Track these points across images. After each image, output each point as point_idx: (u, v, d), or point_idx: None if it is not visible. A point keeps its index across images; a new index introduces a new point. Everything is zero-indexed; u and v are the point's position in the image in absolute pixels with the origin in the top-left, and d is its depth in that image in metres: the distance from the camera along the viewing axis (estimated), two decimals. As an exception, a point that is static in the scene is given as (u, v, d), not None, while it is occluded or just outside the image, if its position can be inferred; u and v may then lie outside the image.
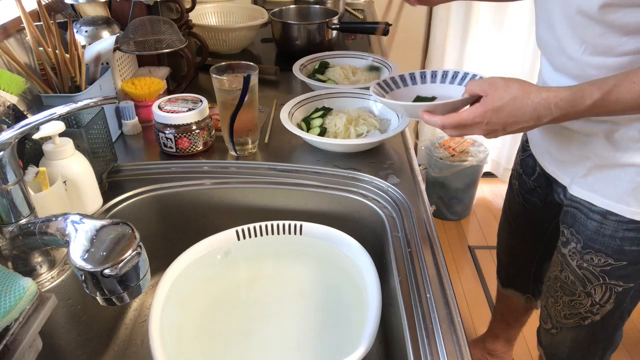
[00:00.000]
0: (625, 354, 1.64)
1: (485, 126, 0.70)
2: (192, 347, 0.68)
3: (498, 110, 0.68)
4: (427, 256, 0.69)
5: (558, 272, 0.96)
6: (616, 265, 0.85)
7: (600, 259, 0.86)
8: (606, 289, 0.89)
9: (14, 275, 0.54)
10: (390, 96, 0.89)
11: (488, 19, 2.11)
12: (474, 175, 2.17)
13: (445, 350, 0.56)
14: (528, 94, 0.67)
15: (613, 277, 0.87)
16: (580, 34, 0.72)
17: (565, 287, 0.95)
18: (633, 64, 0.69)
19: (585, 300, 0.92)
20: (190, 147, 0.90)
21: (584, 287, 0.91)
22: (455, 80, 0.89)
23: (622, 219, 0.81)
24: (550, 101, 0.66)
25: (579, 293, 0.92)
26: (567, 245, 0.91)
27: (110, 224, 0.51)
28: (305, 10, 1.54)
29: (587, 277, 0.89)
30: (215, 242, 0.76)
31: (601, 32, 0.69)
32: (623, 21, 0.66)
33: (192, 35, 1.22)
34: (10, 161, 0.56)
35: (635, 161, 0.77)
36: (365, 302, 0.65)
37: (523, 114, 0.68)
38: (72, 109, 0.58)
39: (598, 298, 0.90)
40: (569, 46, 0.75)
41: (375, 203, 0.81)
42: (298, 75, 1.16)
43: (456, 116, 0.71)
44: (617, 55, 0.70)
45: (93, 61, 0.88)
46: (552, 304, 1.00)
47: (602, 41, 0.70)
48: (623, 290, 0.88)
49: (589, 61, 0.73)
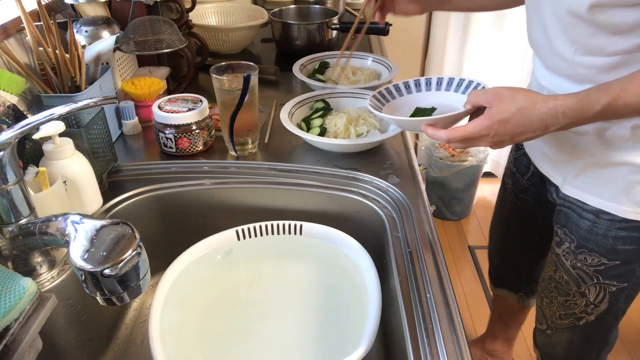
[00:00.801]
0: (625, 354, 1.64)
1: (492, 138, 0.70)
2: (192, 347, 0.68)
3: (505, 121, 0.67)
4: (427, 256, 0.69)
5: (552, 272, 0.96)
6: (610, 265, 0.85)
7: (594, 259, 0.86)
8: (600, 288, 0.89)
9: (14, 275, 0.54)
10: (388, 108, 0.89)
11: (488, 19, 2.11)
12: (474, 175, 2.17)
13: (445, 350, 0.56)
14: (534, 104, 0.67)
15: (607, 277, 0.87)
16: (571, 34, 0.72)
17: (559, 287, 0.95)
18: (623, 63, 0.70)
19: (580, 300, 0.92)
20: (190, 147, 0.90)
21: (579, 287, 0.91)
22: (451, 87, 0.89)
23: (614, 218, 0.81)
24: (557, 110, 0.66)
25: (574, 293, 0.92)
26: (561, 245, 0.91)
27: (110, 224, 0.51)
28: (305, 10, 1.54)
29: (581, 277, 0.89)
30: (215, 242, 0.76)
31: (591, 32, 0.69)
32: (612, 21, 0.67)
33: (192, 35, 1.22)
34: (10, 161, 0.56)
35: (627, 160, 0.76)
36: (365, 302, 0.65)
37: (530, 124, 0.67)
38: (72, 109, 0.58)
39: (592, 298, 0.90)
40: (561, 47, 0.75)
41: (375, 203, 0.81)
42: (298, 75, 1.16)
43: (462, 130, 0.70)
44: (608, 55, 0.70)
45: (93, 61, 0.88)
46: (547, 304, 1.00)
47: (592, 41, 0.70)
48: (617, 290, 0.88)
49: (580, 61, 0.73)
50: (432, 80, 0.91)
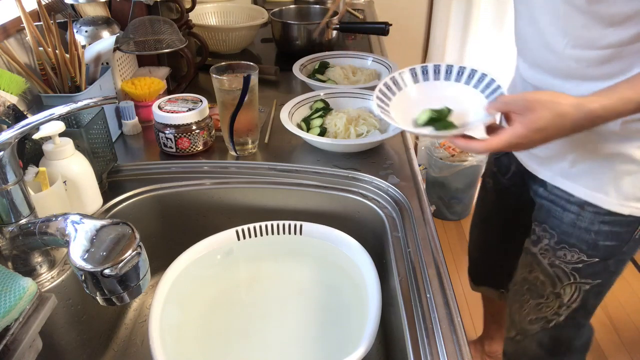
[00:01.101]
0: (625, 354, 1.64)
1: (526, 145, 0.69)
2: (192, 347, 0.68)
3: (541, 130, 0.66)
4: (427, 256, 0.69)
5: (527, 274, 0.95)
6: (588, 262, 0.85)
7: (574, 255, 0.86)
8: (575, 288, 0.89)
9: (14, 275, 0.54)
10: (394, 106, 0.80)
11: (488, 18, 2.11)
12: (474, 175, 2.17)
13: (445, 350, 0.56)
14: (569, 110, 0.65)
15: (584, 275, 0.87)
16: (564, 25, 0.72)
17: (533, 288, 0.94)
18: (613, 57, 0.70)
19: (553, 302, 0.92)
20: (190, 147, 0.90)
21: (554, 287, 0.91)
22: (462, 77, 0.81)
23: (599, 211, 0.81)
24: (594, 114, 0.65)
25: (548, 294, 0.92)
26: (538, 243, 0.91)
27: (110, 224, 0.51)
28: (305, 10, 1.54)
29: (558, 276, 0.89)
30: (215, 242, 0.76)
31: (585, 23, 0.70)
32: (609, 11, 0.67)
33: (192, 35, 1.22)
34: (10, 161, 0.56)
35: (619, 151, 0.77)
36: (365, 302, 0.65)
37: (565, 129, 0.67)
38: (72, 109, 0.58)
39: (566, 299, 0.90)
40: (552, 39, 0.75)
41: (375, 203, 0.81)
42: (298, 75, 1.16)
43: (498, 141, 0.69)
44: (599, 48, 0.71)
45: (93, 61, 0.88)
46: (517, 309, 1.00)
47: (585, 33, 0.71)
48: (590, 287, 0.88)
49: (570, 54, 0.74)
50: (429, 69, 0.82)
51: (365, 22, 1.70)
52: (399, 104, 0.80)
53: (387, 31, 1.32)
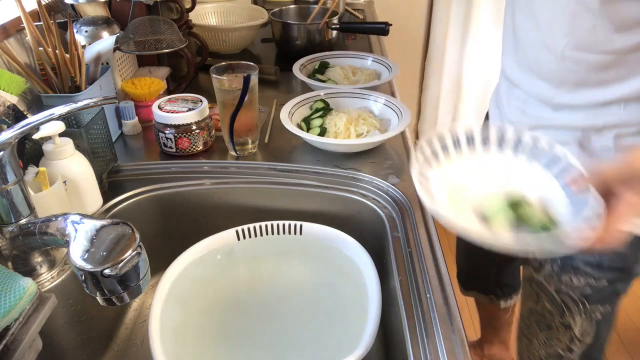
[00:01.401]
0: (625, 354, 1.64)
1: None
2: (192, 347, 0.68)
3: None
4: (427, 256, 0.69)
5: (533, 304, 0.91)
6: (596, 286, 0.82)
7: (580, 279, 0.82)
8: (586, 317, 0.85)
9: (14, 275, 0.54)
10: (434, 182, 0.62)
11: (488, 18, 2.11)
12: (474, 176, 2.16)
13: (445, 350, 0.56)
14: None
15: (593, 301, 0.83)
16: (568, 24, 0.69)
17: (541, 320, 0.91)
18: (613, 63, 0.68)
19: (563, 335, 0.88)
20: (190, 147, 0.90)
21: (562, 317, 0.87)
22: (518, 151, 0.64)
23: None
24: None
25: (557, 326, 0.88)
26: (541, 270, 0.87)
27: (110, 224, 0.51)
28: (305, 10, 1.54)
29: (565, 304, 0.86)
30: (215, 242, 0.76)
31: (592, 25, 0.67)
32: (620, 14, 0.64)
33: (192, 35, 1.22)
34: (10, 161, 0.56)
35: None
36: (365, 302, 0.65)
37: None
38: (72, 109, 0.58)
39: (577, 330, 0.86)
40: (551, 37, 0.72)
41: (375, 203, 0.81)
42: (298, 75, 1.16)
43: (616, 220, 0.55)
44: (602, 53, 0.68)
45: (93, 61, 0.88)
46: (526, 346, 0.95)
47: (590, 35, 0.68)
48: (602, 317, 0.84)
49: (570, 55, 0.71)
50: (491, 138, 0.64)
51: (365, 22, 1.70)
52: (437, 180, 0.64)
53: (387, 31, 1.32)
